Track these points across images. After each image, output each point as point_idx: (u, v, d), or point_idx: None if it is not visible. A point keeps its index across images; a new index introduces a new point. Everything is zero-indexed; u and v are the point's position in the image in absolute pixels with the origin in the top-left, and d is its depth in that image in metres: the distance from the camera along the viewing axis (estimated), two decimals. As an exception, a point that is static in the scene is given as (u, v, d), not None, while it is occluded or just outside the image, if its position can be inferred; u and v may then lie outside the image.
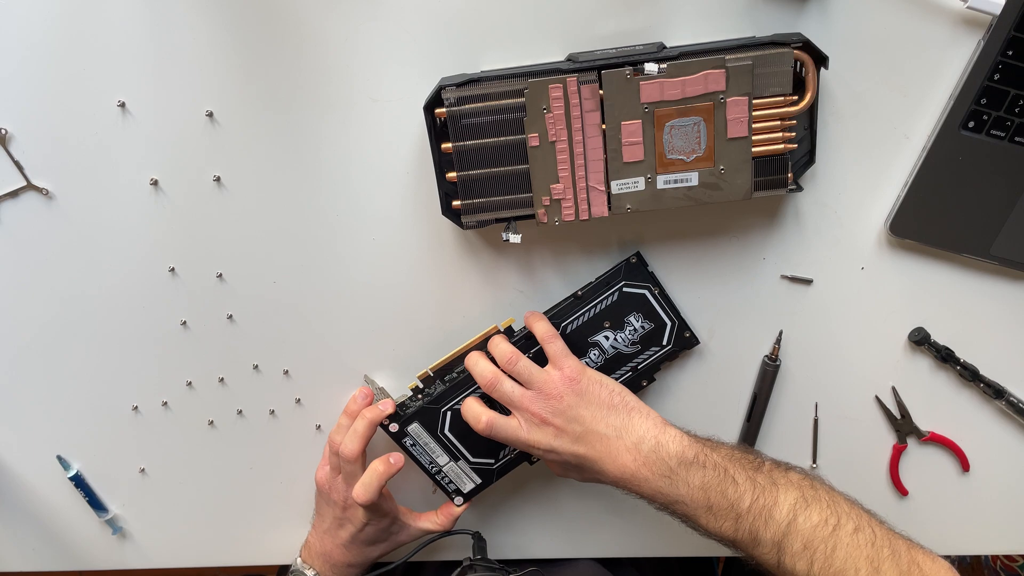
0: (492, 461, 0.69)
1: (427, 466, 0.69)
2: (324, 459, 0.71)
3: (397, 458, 0.66)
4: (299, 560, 0.72)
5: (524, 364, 0.62)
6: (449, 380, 0.67)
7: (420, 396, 0.68)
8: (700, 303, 0.68)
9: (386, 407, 0.67)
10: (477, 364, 0.63)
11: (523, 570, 0.67)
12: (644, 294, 0.66)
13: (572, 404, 0.60)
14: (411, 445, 0.68)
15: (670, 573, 0.85)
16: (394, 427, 0.67)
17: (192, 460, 0.76)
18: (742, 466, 0.58)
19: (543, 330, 0.63)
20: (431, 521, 0.71)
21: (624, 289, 0.66)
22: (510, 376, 0.62)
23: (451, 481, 0.69)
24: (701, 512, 0.57)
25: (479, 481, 0.69)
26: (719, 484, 0.57)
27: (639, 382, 0.69)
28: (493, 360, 0.63)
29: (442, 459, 0.68)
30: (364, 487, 0.65)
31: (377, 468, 0.65)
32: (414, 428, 0.67)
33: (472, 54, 0.62)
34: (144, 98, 0.64)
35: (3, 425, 0.76)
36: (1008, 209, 0.62)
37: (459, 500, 0.70)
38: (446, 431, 0.67)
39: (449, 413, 0.66)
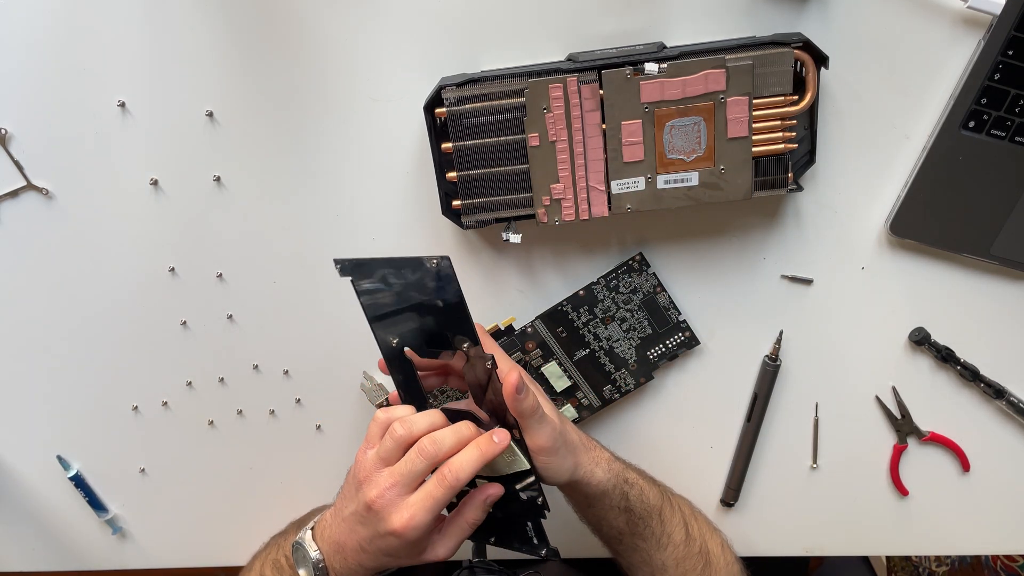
0: None
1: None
2: (369, 440, 0.56)
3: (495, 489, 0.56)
4: (308, 535, 0.58)
5: None
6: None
7: None
8: (700, 303, 0.68)
9: (503, 439, 0.54)
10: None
11: (522, 572, 0.67)
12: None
13: None
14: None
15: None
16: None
17: (192, 460, 0.76)
18: None
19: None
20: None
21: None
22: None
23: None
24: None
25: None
26: None
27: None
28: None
29: None
30: (418, 510, 0.52)
31: (435, 493, 0.52)
32: None
33: (472, 54, 0.62)
34: (144, 98, 0.64)
35: (3, 425, 0.76)
36: (1008, 209, 0.62)
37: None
38: None
39: None
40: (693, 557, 0.63)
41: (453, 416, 0.57)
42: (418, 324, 0.55)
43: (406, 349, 0.57)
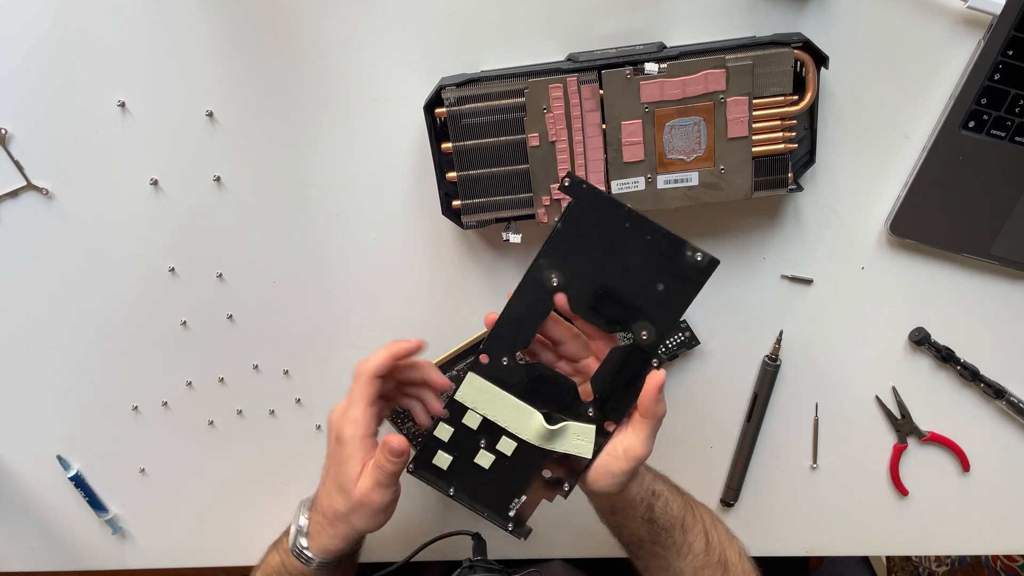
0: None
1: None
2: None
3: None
4: (310, 499, 0.64)
5: None
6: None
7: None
8: (700, 303, 0.68)
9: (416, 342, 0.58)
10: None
11: (523, 571, 0.67)
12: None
13: None
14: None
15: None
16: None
17: (192, 460, 0.76)
18: None
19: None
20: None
21: None
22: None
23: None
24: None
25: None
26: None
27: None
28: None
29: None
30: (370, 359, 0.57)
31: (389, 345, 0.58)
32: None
33: (472, 54, 0.62)
34: (144, 98, 0.64)
35: (3, 425, 0.76)
36: (1008, 209, 0.62)
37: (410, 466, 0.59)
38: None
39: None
40: (712, 566, 0.63)
41: (550, 377, 0.55)
42: (602, 284, 0.52)
43: (559, 295, 0.53)
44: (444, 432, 0.57)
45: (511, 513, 0.59)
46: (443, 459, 0.58)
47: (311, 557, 0.63)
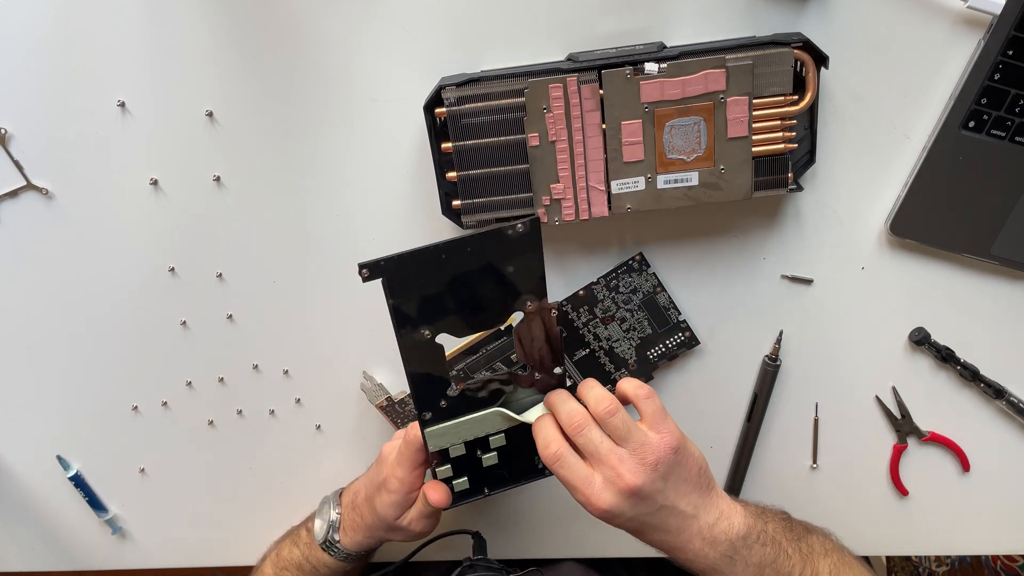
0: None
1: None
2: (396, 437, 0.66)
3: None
4: (337, 494, 0.69)
5: (622, 417, 0.53)
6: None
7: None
8: (700, 303, 0.68)
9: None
10: (566, 403, 0.55)
11: (523, 570, 0.67)
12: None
13: (662, 474, 0.53)
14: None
15: (662, 573, 0.84)
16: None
17: (192, 460, 0.76)
18: (788, 536, 0.59)
19: (635, 386, 0.55)
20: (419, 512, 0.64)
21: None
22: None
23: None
24: None
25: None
26: (774, 560, 0.56)
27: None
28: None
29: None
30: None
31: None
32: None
33: (472, 54, 0.62)
34: (144, 98, 0.64)
35: (3, 425, 0.76)
36: (1008, 209, 0.62)
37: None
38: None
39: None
40: None
41: (482, 387, 0.57)
42: (466, 303, 0.54)
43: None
44: (445, 472, 0.60)
45: (540, 467, 0.61)
46: (461, 483, 0.61)
47: (341, 549, 0.67)
